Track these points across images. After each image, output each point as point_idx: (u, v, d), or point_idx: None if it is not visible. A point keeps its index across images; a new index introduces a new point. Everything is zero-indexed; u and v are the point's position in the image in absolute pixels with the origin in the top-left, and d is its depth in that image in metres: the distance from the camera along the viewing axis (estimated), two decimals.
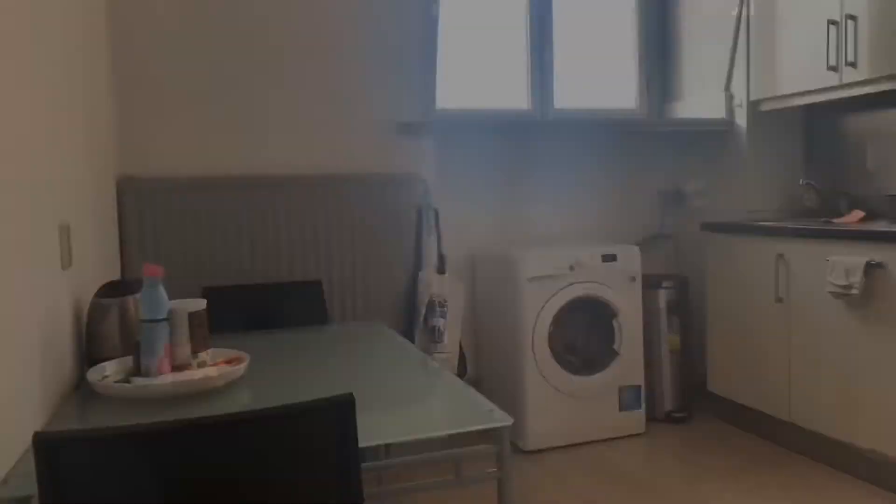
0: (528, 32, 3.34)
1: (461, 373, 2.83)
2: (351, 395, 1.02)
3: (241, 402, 1.38)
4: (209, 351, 1.55)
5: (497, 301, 3.01)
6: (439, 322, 2.72)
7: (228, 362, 1.56)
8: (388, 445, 1.25)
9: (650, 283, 3.16)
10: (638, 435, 3.00)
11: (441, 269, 2.81)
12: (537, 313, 2.83)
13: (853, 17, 2.57)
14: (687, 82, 3.44)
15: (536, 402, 2.84)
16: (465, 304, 3.20)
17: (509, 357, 2.93)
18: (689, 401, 3.25)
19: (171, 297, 1.52)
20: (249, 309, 2.39)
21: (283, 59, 2.68)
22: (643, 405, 3.02)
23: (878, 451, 2.33)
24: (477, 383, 3.22)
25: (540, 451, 2.86)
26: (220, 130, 2.62)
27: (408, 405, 1.34)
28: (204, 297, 2.34)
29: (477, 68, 3.30)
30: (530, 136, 3.32)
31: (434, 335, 2.72)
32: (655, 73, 3.58)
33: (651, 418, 3.15)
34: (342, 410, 1.02)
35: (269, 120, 2.67)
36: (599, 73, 3.55)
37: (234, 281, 2.58)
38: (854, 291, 2.33)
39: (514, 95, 3.37)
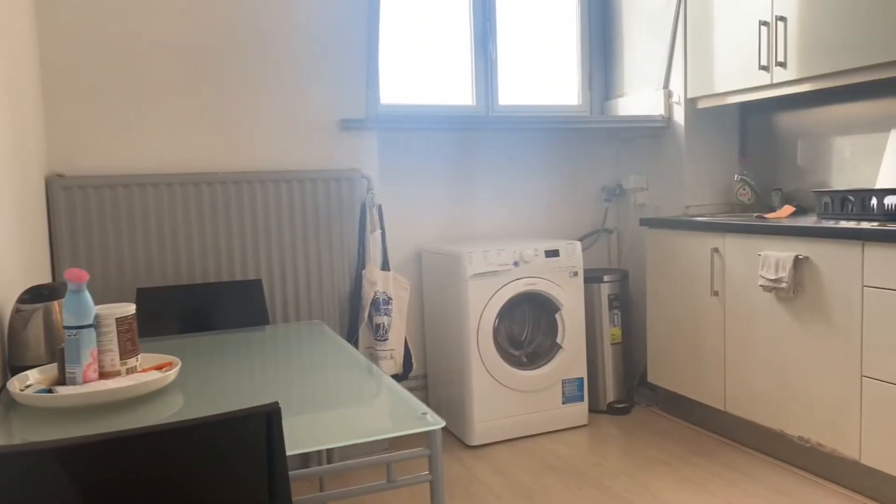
0: (472, 29, 3.35)
1: (406, 370, 2.83)
2: (276, 403, 1.01)
3: (172, 409, 1.35)
4: (138, 357, 1.51)
5: (443, 297, 3.02)
6: (383, 319, 2.71)
7: (159, 368, 1.52)
8: (329, 449, 1.24)
9: (592, 278, 3.22)
10: (581, 426, 3.06)
11: (385, 266, 2.79)
12: (482, 309, 2.85)
13: (783, 19, 2.66)
14: (628, 80, 3.50)
15: (481, 397, 2.87)
16: (412, 300, 3.21)
17: (455, 353, 2.94)
18: (631, 392, 3.33)
19: (104, 300, 1.49)
20: (187, 310, 2.35)
21: (221, 56, 2.62)
22: (586, 397, 3.08)
23: (806, 438, 2.43)
24: (423, 379, 3.25)
25: (485, 445, 2.89)
26: (156, 127, 2.55)
27: (341, 409, 1.33)
28: (139, 298, 2.30)
29: (423, 65, 3.30)
30: (475, 133, 3.34)
31: (378, 332, 2.72)
32: (598, 70, 3.64)
33: (594, 410, 3.22)
34: (268, 419, 1.01)
35: (206, 117, 2.61)
36: (543, 69, 3.58)
37: (172, 281, 2.53)
38: (783, 285, 2.42)
39: (459, 92, 3.38)
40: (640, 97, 3.38)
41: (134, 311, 1.51)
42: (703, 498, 2.34)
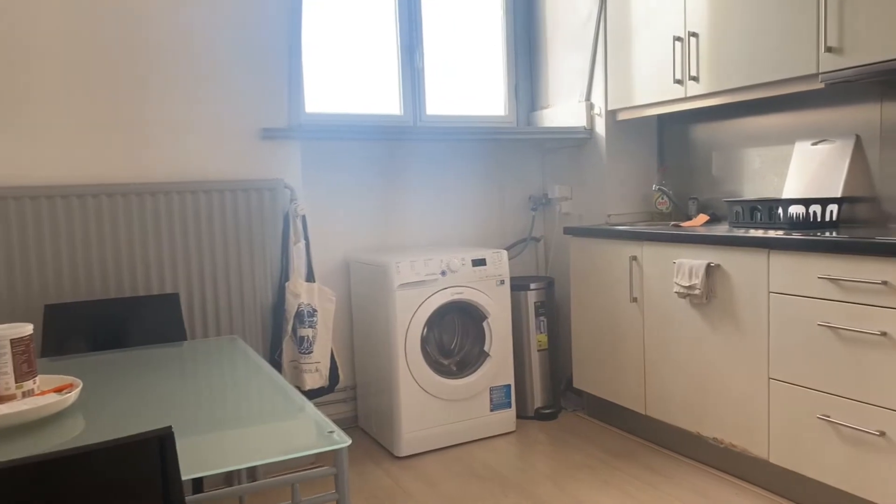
0: (398, 39, 3.36)
1: (333, 382, 2.80)
2: (169, 428, 0.98)
3: (71, 434, 1.30)
4: (36, 379, 1.45)
5: (371, 307, 3.01)
6: (308, 332, 2.68)
7: (59, 390, 1.46)
8: (240, 469, 1.22)
9: (519, 285, 3.27)
10: (508, 433, 3.10)
11: (310, 278, 2.76)
12: (409, 319, 2.85)
13: (695, 35, 2.76)
14: (553, 92, 3.57)
15: (409, 407, 2.87)
16: (340, 311, 3.19)
17: (383, 364, 2.93)
18: (558, 397, 3.39)
19: (9, 319, 1.41)
20: (99, 326, 2.26)
21: (135, 61, 2.54)
22: (514, 404, 3.11)
23: (719, 439, 2.52)
24: (352, 391, 3.23)
25: (413, 456, 2.89)
26: (67, 136, 2.46)
27: (247, 428, 1.31)
28: (47, 315, 2.21)
29: (351, 74, 3.28)
30: (404, 142, 3.35)
31: (302, 345, 2.68)
32: (523, 82, 3.70)
33: (522, 416, 3.26)
34: (161, 444, 0.99)
35: (120, 125, 2.52)
36: (471, 80, 3.62)
37: (83, 297, 2.44)
38: (697, 291, 2.51)
39: (387, 101, 3.38)
40: (564, 109, 3.46)
41: (31, 332, 1.44)
42: (622, 501, 2.40)
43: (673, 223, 3.00)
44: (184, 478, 1.02)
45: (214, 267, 2.62)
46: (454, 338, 3.13)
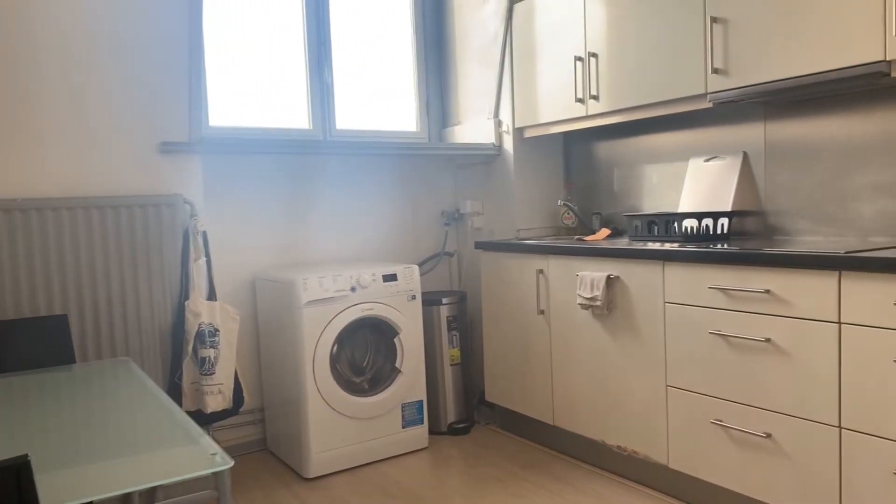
0: (307, 53, 3.33)
1: (237, 404, 2.71)
2: (25, 456, 0.92)
3: None
4: None
5: (278, 326, 2.94)
6: (210, 352, 2.59)
7: None
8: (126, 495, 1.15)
9: (431, 300, 3.27)
10: (421, 450, 3.08)
11: (212, 296, 2.67)
12: (317, 337, 2.80)
13: (595, 55, 2.86)
14: (463, 108, 3.62)
15: (318, 427, 2.81)
16: (246, 330, 3.10)
17: (291, 383, 2.87)
18: (471, 411, 3.40)
19: None
20: None
21: (24, 70, 2.40)
22: (426, 420, 3.10)
23: (623, 447, 2.59)
24: (260, 413, 3.13)
25: (322, 476, 2.82)
26: None
27: (129, 454, 1.24)
28: None
29: (259, 87, 3.23)
30: (313, 157, 3.31)
31: (204, 367, 2.59)
32: (435, 98, 3.73)
33: (435, 431, 3.26)
34: (17, 474, 0.92)
35: (5, 137, 2.38)
36: (384, 96, 3.62)
37: None
38: (598, 303, 2.58)
39: (296, 115, 3.33)
40: (474, 126, 3.51)
41: None
42: None
43: (577, 237, 3.08)
44: None
45: (109, 286, 2.49)
46: (366, 355, 3.10)
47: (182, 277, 2.64)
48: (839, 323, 1.90)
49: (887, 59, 1.97)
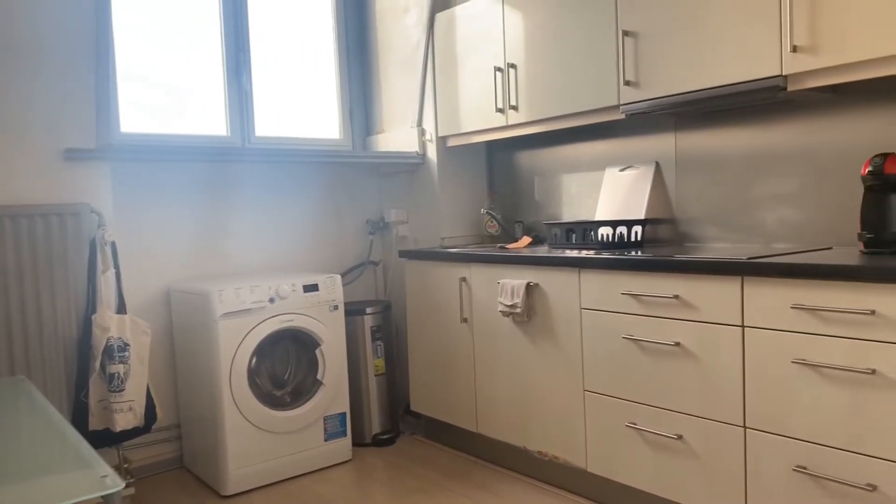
0: (224, 59, 3.25)
1: (149, 421, 2.60)
2: None
3: None
4: None
5: (193, 339, 2.84)
6: (119, 368, 2.48)
7: None
8: None
9: (355, 310, 3.23)
10: (345, 462, 3.03)
11: (121, 309, 2.56)
12: (234, 350, 2.72)
13: (514, 66, 2.90)
14: (387, 116, 3.61)
15: (236, 442, 2.72)
16: (160, 344, 2.98)
17: (207, 398, 2.77)
18: (396, 422, 3.38)
19: None
20: None
21: None
22: (349, 432, 3.05)
23: (544, 452, 2.61)
24: (176, 429, 3.02)
25: (241, 494, 2.74)
26: None
27: (12, 481, 1.17)
28: None
29: (177, 93, 3.12)
30: (232, 165, 3.22)
31: (113, 383, 2.47)
32: (358, 106, 3.70)
33: (359, 443, 3.21)
34: None
35: None
36: (306, 103, 3.57)
37: None
38: (518, 310, 2.60)
39: (213, 122, 3.25)
40: (397, 134, 3.50)
41: None
42: None
43: (499, 245, 3.11)
44: None
45: (7, 300, 2.35)
46: (288, 367, 3.03)
47: (88, 290, 2.52)
48: (742, 326, 1.97)
49: (784, 73, 2.07)
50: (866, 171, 1.99)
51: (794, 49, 2.02)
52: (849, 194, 2.25)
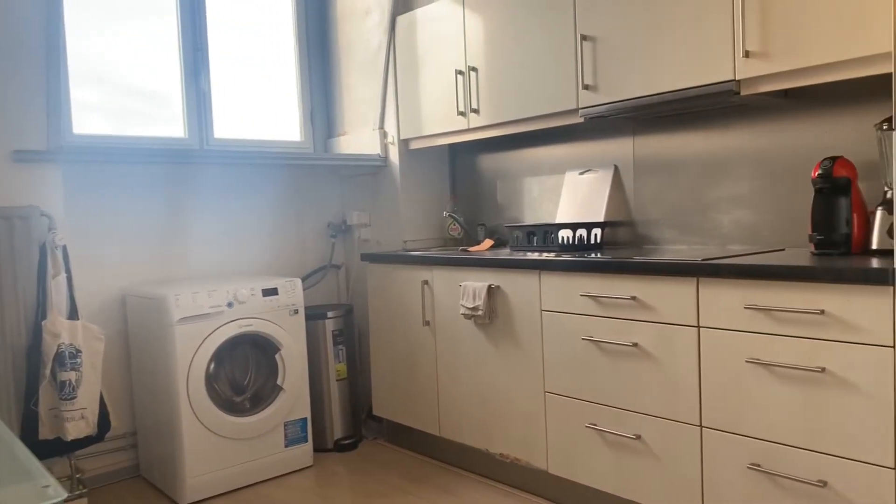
0: (181, 59, 3.19)
1: (103, 430, 2.53)
2: None
3: None
4: None
5: (149, 345, 2.78)
6: (70, 375, 2.41)
7: None
8: None
9: (316, 314, 3.20)
10: (306, 468, 2.99)
11: (73, 315, 2.49)
12: (192, 356, 2.66)
13: (475, 69, 2.91)
14: (349, 119, 3.59)
15: (194, 450, 2.67)
16: (116, 350, 2.91)
17: (164, 405, 2.71)
18: (359, 426, 3.35)
19: None
20: None
21: None
22: (310, 437, 3.02)
23: (505, 455, 2.62)
24: (132, 437, 2.95)
25: (200, 501, 2.69)
26: None
27: None
28: None
29: (133, 94, 3.06)
30: (190, 167, 3.16)
31: (64, 391, 2.40)
32: (319, 108, 3.67)
33: (321, 449, 3.18)
34: None
35: None
36: (266, 105, 3.53)
37: None
38: (480, 312, 2.60)
39: (172, 124, 3.19)
40: (359, 136, 3.48)
41: None
42: None
43: (462, 248, 3.11)
44: None
45: None
46: (247, 372, 2.98)
47: (39, 295, 2.45)
48: (698, 327, 2.00)
49: (737, 78, 2.11)
50: (816, 174, 2.04)
51: (747, 54, 2.06)
52: (801, 197, 2.30)
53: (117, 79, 3.05)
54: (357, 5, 3.45)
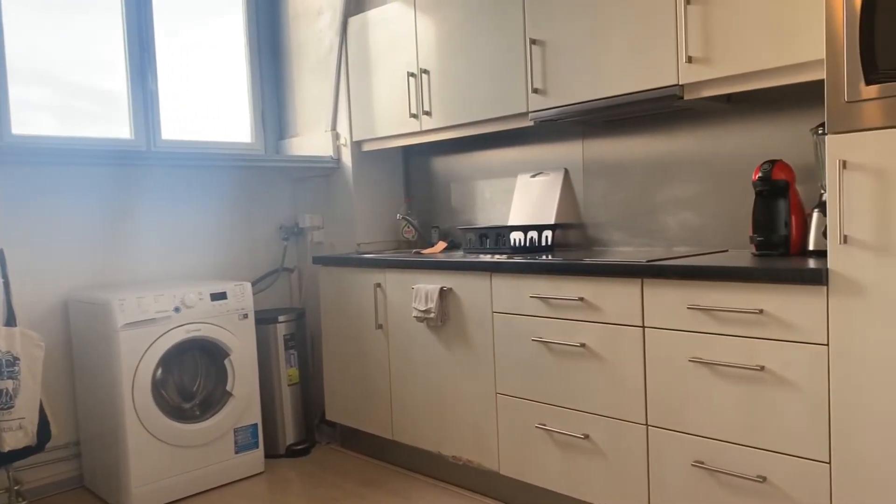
0: (127, 59, 3.11)
1: (42, 440, 2.45)
2: None
3: None
4: None
5: (93, 352, 2.70)
6: (7, 384, 2.33)
7: None
8: None
9: (267, 319, 3.15)
10: (257, 475, 2.95)
11: (10, 322, 2.41)
12: (137, 362, 2.60)
13: (426, 72, 2.91)
14: (301, 120, 3.55)
15: (140, 458, 2.60)
16: (59, 357, 2.83)
17: (108, 413, 2.64)
18: (312, 431, 3.31)
19: None
20: None
21: None
22: (261, 443, 2.97)
23: (458, 457, 2.62)
24: (76, 447, 2.86)
25: None
26: None
27: None
28: None
29: (77, 94, 2.97)
30: (137, 169, 3.09)
31: (0, 400, 2.32)
32: (271, 109, 3.63)
33: (272, 455, 3.13)
34: None
35: None
36: (217, 106, 3.47)
37: None
38: (432, 315, 2.60)
39: (118, 124, 3.11)
40: (311, 138, 3.44)
41: None
42: None
43: (415, 251, 3.10)
44: None
45: None
46: (196, 378, 2.92)
47: None
48: (643, 327, 2.03)
49: (680, 83, 2.15)
50: (756, 177, 2.10)
51: (690, 60, 2.11)
52: (744, 199, 2.36)
53: (64, 77, 2.96)
54: (309, 6, 3.42)
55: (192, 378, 2.90)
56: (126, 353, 2.58)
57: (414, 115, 2.97)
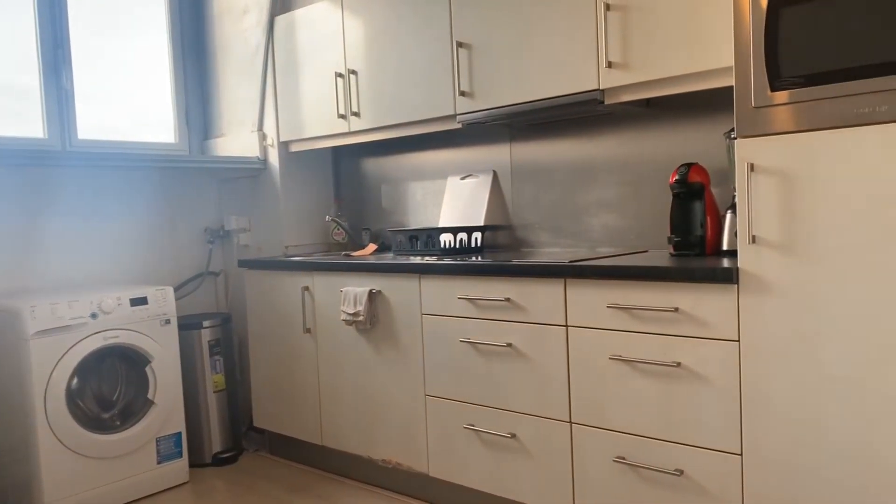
0: (40, 55, 2.97)
1: None
2: None
3: None
4: None
5: (3, 362, 2.56)
6: None
7: None
8: None
9: (190, 324, 3.06)
10: (182, 485, 2.86)
11: None
12: (50, 371, 2.48)
13: (354, 72, 2.89)
14: (226, 120, 3.46)
15: (53, 472, 2.48)
16: None
17: (18, 425, 2.51)
18: (240, 439, 3.24)
19: None
20: None
21: None
22: (185, 452, 2.88)
23: (388, 460, 2.60)
24: None
25: None
26: None
27: None
28: None
29: None
30: (50, 170, 2.95)
31: None
32: (195, 109, 3.53)
33: (198, 464, 3.05)
34: None
35: None
36: (139, 105, 3.35)
37: None
38: (361, 318, 2.58)
39: (30, 123, 2.96)
40: (237, 138, 3.37)
41: None
42: None
43: (345, 253, 3.07)
44: None
45: None
46: (117, 387, 2.81)
47: None
48: (566, 326, 2.07)
49: (601, 87, 2.20)
50: (673, 179, 2.16)
51: (609, 65, 2.16)
52: (663, 201, 2.43)
53: None
54: (234, 4, 3.34)
55: (111, 387, 2.79)
56: (37, 362, 2.46)
57: (342, 116, 2.95)
